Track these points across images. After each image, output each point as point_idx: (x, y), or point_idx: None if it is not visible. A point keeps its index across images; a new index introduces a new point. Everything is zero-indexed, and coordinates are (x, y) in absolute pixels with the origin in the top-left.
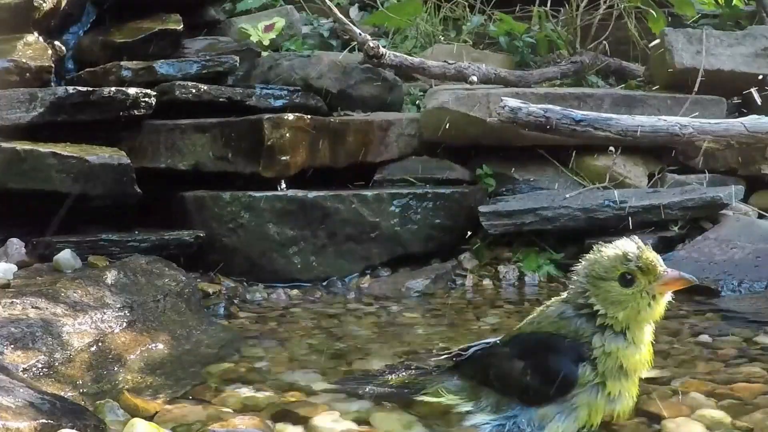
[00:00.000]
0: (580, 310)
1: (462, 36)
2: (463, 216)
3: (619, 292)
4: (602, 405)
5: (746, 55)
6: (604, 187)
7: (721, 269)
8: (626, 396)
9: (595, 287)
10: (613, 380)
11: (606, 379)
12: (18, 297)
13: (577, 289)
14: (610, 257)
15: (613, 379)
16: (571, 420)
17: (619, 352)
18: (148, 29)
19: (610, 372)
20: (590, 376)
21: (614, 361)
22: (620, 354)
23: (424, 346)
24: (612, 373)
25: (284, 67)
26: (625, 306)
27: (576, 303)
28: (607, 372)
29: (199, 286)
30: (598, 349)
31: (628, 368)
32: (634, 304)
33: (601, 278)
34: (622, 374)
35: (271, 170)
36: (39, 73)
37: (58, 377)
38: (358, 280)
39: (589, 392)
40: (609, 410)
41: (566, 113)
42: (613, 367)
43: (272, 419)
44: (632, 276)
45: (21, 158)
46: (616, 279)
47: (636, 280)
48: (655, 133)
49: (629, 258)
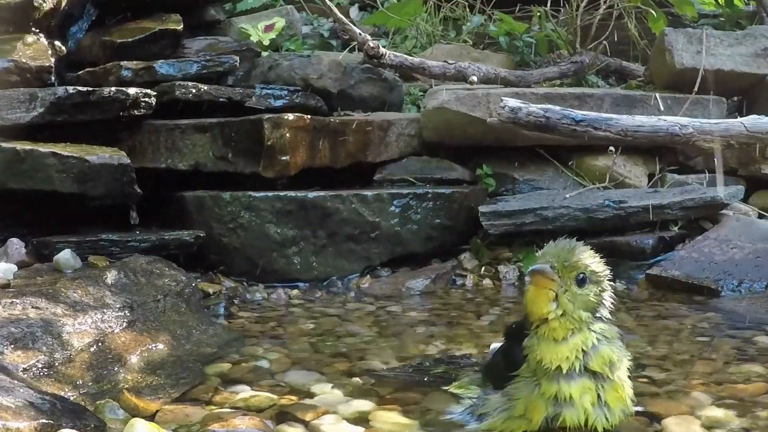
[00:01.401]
0: None
1: (462, 36)
2: (463, 216)
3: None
4: (541, 404)
5: (746, 55)
6: (604, 187)
7: (721, 269)
8: (578, 404)
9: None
10: (548, 380)
11: (539, 376)
12: (18, 297)
13: None
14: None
15: (548, 379)
16: (508, 410)
17: (536, 348)
18: (148, 29)
19: (540, 368)
20: (528, 373)
21: (534, 358)
22: (537, 350)
23: (424, 346)
24: (542, 370)
25: (284, 67)
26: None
27: None
28: (538, 368)
29: (199, 286)
30: (527, 346)
31: (547, 364)
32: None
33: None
34: (557, 375)
35: (271, 170)
36: (39, 73)
37: (58, 377)
38: (358, 280)
39: (526, 386)
40: (553, 413)
41: (566, 113)
42: (534, 363)
43: (272, 419)
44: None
45: (21, 158)
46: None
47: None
48: (655, 133)
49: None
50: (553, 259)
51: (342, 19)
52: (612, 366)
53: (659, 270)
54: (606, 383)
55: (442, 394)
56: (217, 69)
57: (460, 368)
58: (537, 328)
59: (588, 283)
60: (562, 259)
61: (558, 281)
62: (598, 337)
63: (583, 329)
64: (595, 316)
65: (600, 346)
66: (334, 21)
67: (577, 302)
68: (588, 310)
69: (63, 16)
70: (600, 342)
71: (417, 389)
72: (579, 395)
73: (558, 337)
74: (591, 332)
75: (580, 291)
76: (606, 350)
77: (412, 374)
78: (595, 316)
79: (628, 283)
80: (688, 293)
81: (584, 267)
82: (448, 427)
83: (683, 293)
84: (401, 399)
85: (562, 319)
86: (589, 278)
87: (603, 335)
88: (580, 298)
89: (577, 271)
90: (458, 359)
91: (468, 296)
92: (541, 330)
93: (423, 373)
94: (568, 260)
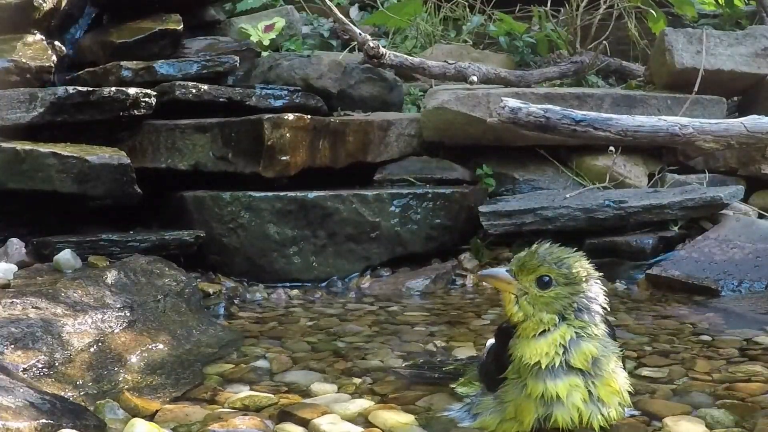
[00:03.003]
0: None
1: (462, 36)
2: (463, 216)
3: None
4: (530, 405)
5: (746, 55)
6: (604, 187)
7: (721, 269)
8: (567, 403)
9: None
10: (533, 379)
11: (524, 376)
12: (18, 297)
13: None
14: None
15: (533, 378)
16: (499, 412)
17: (516, 345)
18: (148, 29)
19: (523, 367)
20: (512, 370)
21: (516, 354)
22: (519, 348)
23: (424, 346)
24: (525, 369)
25: (284, 67)
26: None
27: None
28: (521, 367)
29: (199, 286)
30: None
31: (527, 360)
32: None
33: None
34: (542, 374)
35: (272, 170)
36: (39, 73)
37: (58, 377)
38: (358, 280)
39: (514, 387)
40: (544, 413)
41: (566, 113)
42: (517, 359)
43: (272, 419)
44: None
45: (21, 158)
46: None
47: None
48: (655, 133)
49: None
50: (513, 262)
51: (342, 19)
52: (597, 362)
53: (659, 270)
54: (596, 379)
55: (445, 393)
56: (217, 69)
57: (468, 365)
58: (517, 327)
59: (555, 285)
60: (519, 263)
61: (514, 284)
62: (578, 333)
63: (560, 326)
64: (564, 317)
65: (581, 342)
66: (334, 21)
67: (538, 304)
68: (554, 312)
69: (63, 16)
70: (580, 338)
71: (420, 388)
72: (566, 393)
73: (529, 336)
74: (570, 328)
75: (541, 293)
76: (587, 346)
77: (425, 371)
78: (564, 316)
79: (628, 283)
80: (688, 293)
81: (547, 270)
82: (446, 425)
83: (683, 293)
84: (401, 398)
85: (528, 321)
86: (555, 280)
87: (585, 332)
88: (541, 300)
89: (538, 274)
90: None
91: (468, 296)
92: (519, 329)
93: (434, 370)
94: (525, 264)
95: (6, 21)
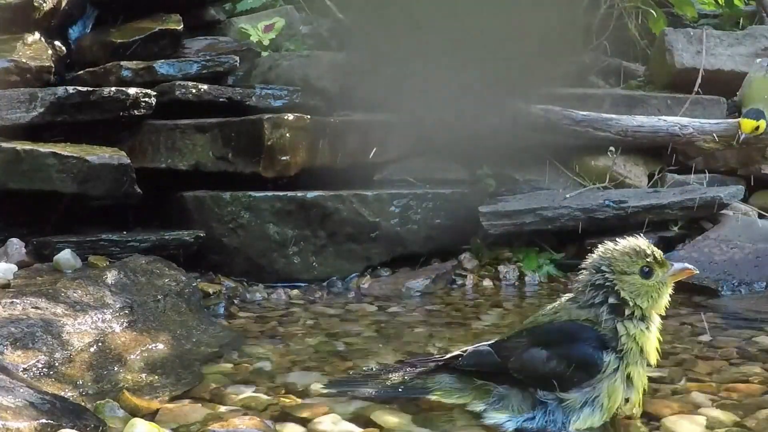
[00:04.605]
0: (603, 302)
1: None
2: (463, 216)
3: (641, 284)
4: (621, 391)
5: (746, 55)
6: (604, 187)
7: (721, 269)
8: (639, 385)
9: (621, 281)
10: (634, 365)
11: (628, 364)
12: (18, 297)
13: (596, 283)
14: (629, 253)
15: (634, 364)
16: (598, 408)
17: (643, 336)
18: (148, 29)
19: (633, 356)
20: (615, 363)
21: (636, 345)
22: (642, 338)
23: (424, 346)
24: (634, 358)
25: (284, 67)
26: (647, 296)
27: (595, 296)
28: (630, 356)
29: (199, 286)
30: (623, 335)
31: (647, 352)
32: (654, 293)
33: (624, 272)
34: (641, 360)
35: (272, 170)
36: (39, 73)
37: (58, 377)
38: (358, 280)
39: (610, 378)
40: (625, 397)
41: (566, 113)
42: (635, 350)
43: (272, 419)
44: (650, 269)
45: (21, 158)
46: (637, 272)
47: (654, 271)
48: (655, 133)
49: (647, 252)
50: (652, 254)
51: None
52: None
53: None
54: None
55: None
56: (217, 69)
57: (429, 374)
58: (644, 318)
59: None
60: (661, 255)
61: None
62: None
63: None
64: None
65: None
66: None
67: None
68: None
69: (63, 16)
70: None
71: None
72: (639, 380)
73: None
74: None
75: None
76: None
77: (368, 385)
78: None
79: None
80: (687, 293)
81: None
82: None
83: (683, 293)
84: (401, 398)
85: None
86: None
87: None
88: (651, 288)
89: (666, 266)
90: (405, 365)
91: (468, 296)
92: (649, 321)
93: (389, 386)
94: (663, 256)
95: (6, 21)
